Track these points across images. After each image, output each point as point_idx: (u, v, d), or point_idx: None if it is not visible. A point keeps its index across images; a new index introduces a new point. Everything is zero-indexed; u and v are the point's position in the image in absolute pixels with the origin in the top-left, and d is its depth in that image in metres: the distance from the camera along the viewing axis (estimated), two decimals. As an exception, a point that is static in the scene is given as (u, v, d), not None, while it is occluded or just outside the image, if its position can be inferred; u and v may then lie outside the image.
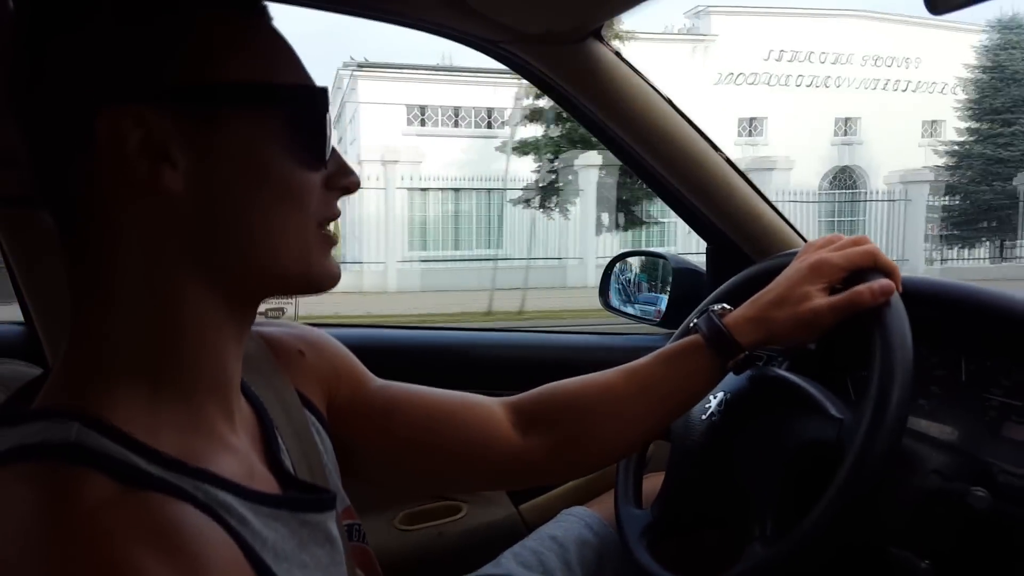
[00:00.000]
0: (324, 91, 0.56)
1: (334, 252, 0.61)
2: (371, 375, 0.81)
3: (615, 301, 1.55)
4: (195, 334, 0.53)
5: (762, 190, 1.29)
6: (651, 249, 1.53)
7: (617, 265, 1.56)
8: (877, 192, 19.89)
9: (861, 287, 0.77)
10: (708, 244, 1.38)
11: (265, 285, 0.57)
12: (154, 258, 0.52)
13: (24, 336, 1.21)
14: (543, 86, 1.16)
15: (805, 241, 1.24)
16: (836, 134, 23.41)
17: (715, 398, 0.90)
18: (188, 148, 0.51)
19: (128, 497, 0.45)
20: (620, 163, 1.88)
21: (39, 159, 0.52)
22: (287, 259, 0.55)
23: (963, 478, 0.77)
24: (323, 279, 0.58)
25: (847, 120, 23.45)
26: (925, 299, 0.89)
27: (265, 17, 0.56)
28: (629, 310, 1.52)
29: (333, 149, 0.58)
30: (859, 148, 23.20)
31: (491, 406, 0.83)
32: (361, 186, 0.63)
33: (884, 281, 0.77)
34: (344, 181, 0.59)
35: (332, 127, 0.57)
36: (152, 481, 0.47)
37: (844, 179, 23.11)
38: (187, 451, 0.51)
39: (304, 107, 0.55)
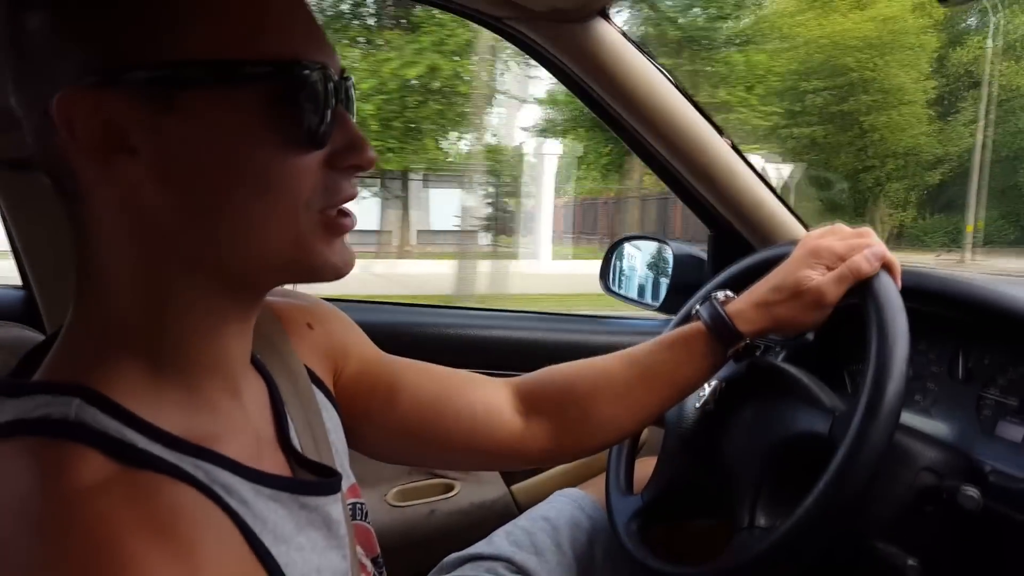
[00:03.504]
0: (317, 65, 0.49)
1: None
2: (378, 349, 0.80)
3: (615, 285, 1.54)
4: (190, 317, 0.51)
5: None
6: (651, 234, 1.52)
7: (617, 249, 1.56)
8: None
9: (857, 256, 0.78)
10: (710, 230, 1.37)
11: (257, 275, 0.53)
12: (136, 245, 0.49)
13: (23, 300, 1.21)
14: (548, 64, 1.15)
15: (808, 231, 1.24)
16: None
17: (709, 386, 0.89)
18: (151, 134, 0.46)
19: (125, 476, 0.44)
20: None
21: (29, 132, 0.50)
22: (275, 250, 0.51)
23: (955, 476, 0.77)
24: (323, 270, 0.53)
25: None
26: (924, 294, 0.88)
27: None
28: (629, 294, 1.52)
29: (345, 122, 0.52)
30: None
31: (495, 386, 0.83)
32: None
33: (878, 248, 0.79)
34: (355, 159, 0.53)
35: (332, 100, 0.51)
36: (151, 460, 0.46)
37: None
38: (190, 430, 0.50)
39: (289, 84, 0.48)
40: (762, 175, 1.27)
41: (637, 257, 1.54)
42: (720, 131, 1.21)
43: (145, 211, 0.48)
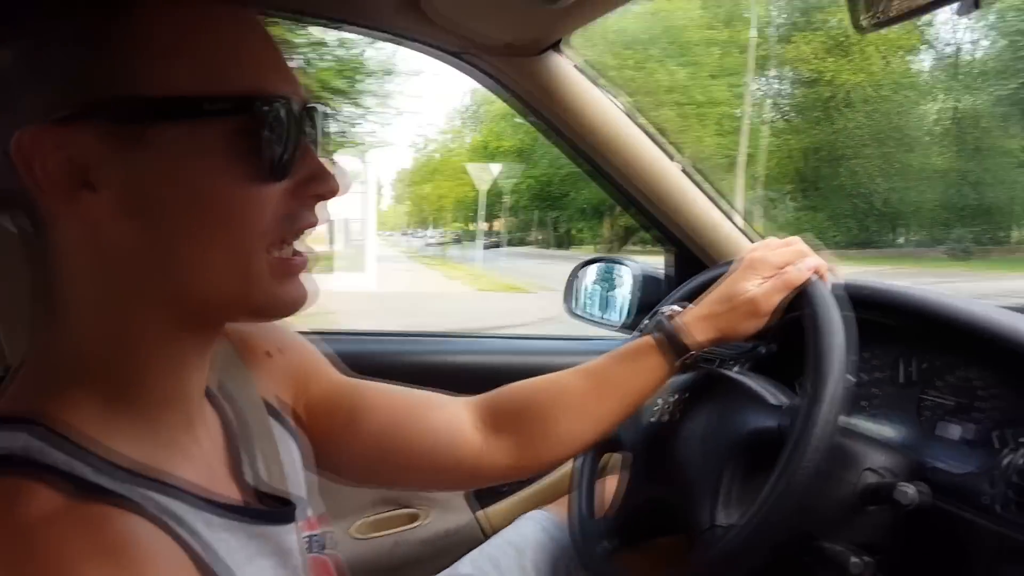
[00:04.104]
0: (279, 97, 0.50)
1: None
2: (339, 373, 0.81)
3: (578, 307, 1.57)
4: (147, 350, 0.52)
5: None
6: (613, 256, 1.55)
7: (580, 271, 1.58)
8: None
9: (789, 267, 0.84)
10: (668, 251, 1.41)
11: (213, 311, 0.54)
12: (98, 280, 0.50)
13: None
14: (504, 96, 1.18)
15: None
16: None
17: (663, 400, 0.92)
18: (115, 171, 0.47)
19: (74, 508, 0.44)
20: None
21: None
22: (228, 286, 0.51)
23: (896, 475, 0.80)
24: (273, 308, 0.54)
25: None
26: (864, 301, 0.92)
27: (218, 8, 0.50)
28: (592, 315, 1.54)
29: (308, 152, 0.53)
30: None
31: (456, 405, 0.85)
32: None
33: (810, 260, 0.85)
34: (317, 188, 0.53)
35: (295, 132, 0.51)
36: (100, 492, 0.46)
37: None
38: (144, 459, 0.50)
39: (251, 118, 0.49)
40: (714, 197, 1.31)
41: (599, 278, 1.56)
42: (672, 156, 1.26)
43: (108, 245, 0.49)
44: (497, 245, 28.98)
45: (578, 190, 22.93)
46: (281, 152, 0.50)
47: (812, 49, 20.01)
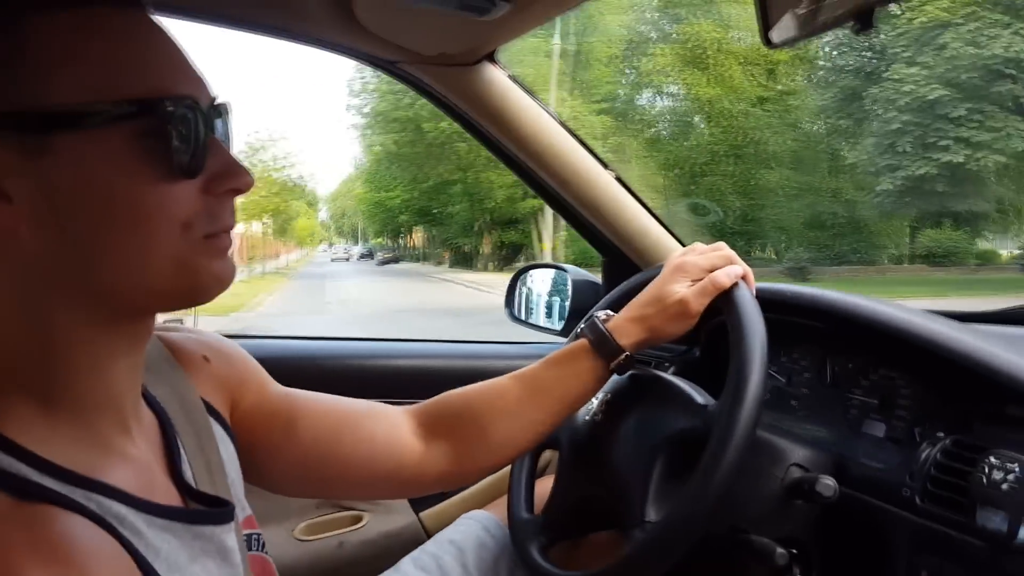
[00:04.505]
0: (181, 97, 0.51)
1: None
2: (275, 383, 0.81)
3: (518, 312, 1.60)
4: (73, 353, 0.53)
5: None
6: (551, 262, 1.59)
7: (521, 277, 1.62)
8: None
9: (717, 272, 0.87)
10: (602, 256, 1.45)
11: (139, 305, 0.55)
12: (18, 288, 0.50)
13: None
14: (440, 104, 1.21)
15: None
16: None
17: (597, 399, 0.95)
18: (24, 180, 0.48)
19: (17, 509, 0.45)
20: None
21: None
22: (157, 275, 0.52)
23: (821, 471, 0.85)
24: (206, 287, 0.55)
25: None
26: (788, 306, 0.98)
27: (116, 11, 0.50)
28: (531, 320, 1.58)
29: (219, 149, 0.54)
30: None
31: (394, 414, 0.85)
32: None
33: (736, 267, 0.88)
34: (231, 183, 0.54)
35: (203, 130, 0.52)
36: (43, 493, 0.47)
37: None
38: (82, 463, 0.51)
39: (154, 119, 0.49)
40: (645, 203, 1.36)
41: (538, 284, 1.60)
42: (605, 164, 1.30)
43: (24, 254, 0.49)
44: (396, 260, 28.21)
45: (455, 204, 22.88)
46: (190, 150, 0.51)
47: (668, 62, 20.21)
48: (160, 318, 0.60)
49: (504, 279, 1.53)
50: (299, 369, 1.33)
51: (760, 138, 19.96)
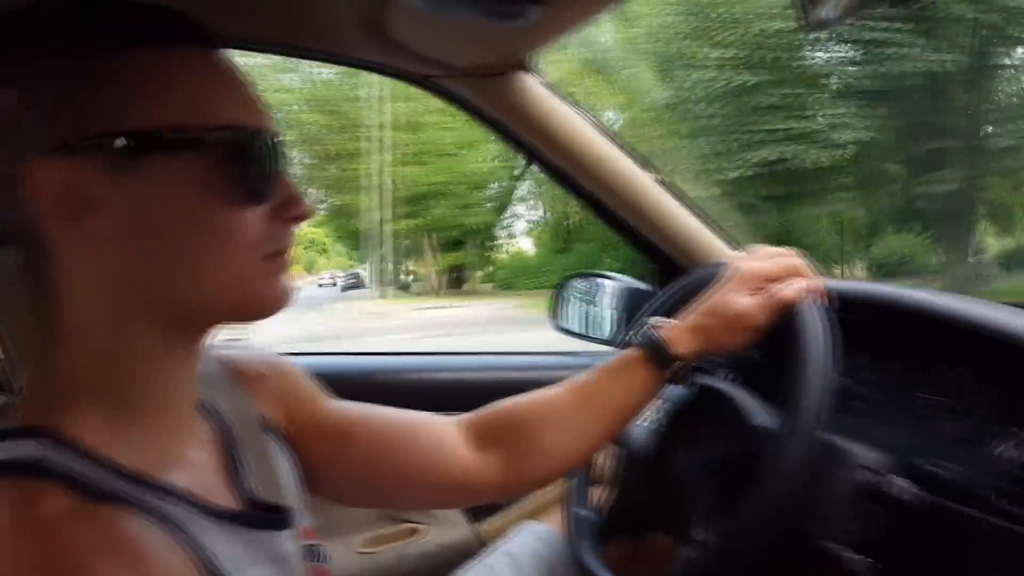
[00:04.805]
0: (258, 131, 0.56)
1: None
2: (328, 397, 0.83)
3: (566, 322, 1.58)
4: (142, 363, 0.56)
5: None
6: (597, 271, 1.57)
7: (565, 286, 1.60)
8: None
9: (783, 285, 0.82)
10: (652, 263, 1.43)
11: (205, 318, 0.59)
12: (97, 298, 0.54)
13: None
14: (476, 117, 1.21)
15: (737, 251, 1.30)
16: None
17: (657, 408, 0.93)
18: (114, 197, 0.52)
19: (87, 510, 0.47)
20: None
21: None
22: (222, 294, 0.56)
23: (892, 473, 0.80)
24: (265, 305, 0.59)
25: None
26: (856, 304, 0.93)
27: (200, 51, 0.56)
28: (579, 330, 1.56)
29: (283, 179, 0.58)
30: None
31: (445, 424, 0.86)
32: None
33: (803, 278, 0.83)
34: (292, 212, 0.59)
35: (276, 160, 0.57)
36: (110, 495, 0.49)
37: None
38: (146, 467, 0.53)
39: (235, 149, 0.55)
40: (694, 204, 1.34)
41: (585, 293, 1.58)
42: (648, 167, 1.28)
43: (110, 265, 0.53)
44: (356, 286, 27.01)
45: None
46: (263, 179, 0.56)
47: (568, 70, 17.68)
48: (219, 336, 0.63)
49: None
50: (352, 383, 1.33)
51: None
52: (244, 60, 0.67)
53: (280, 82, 17.94)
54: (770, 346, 1.02)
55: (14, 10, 0.52)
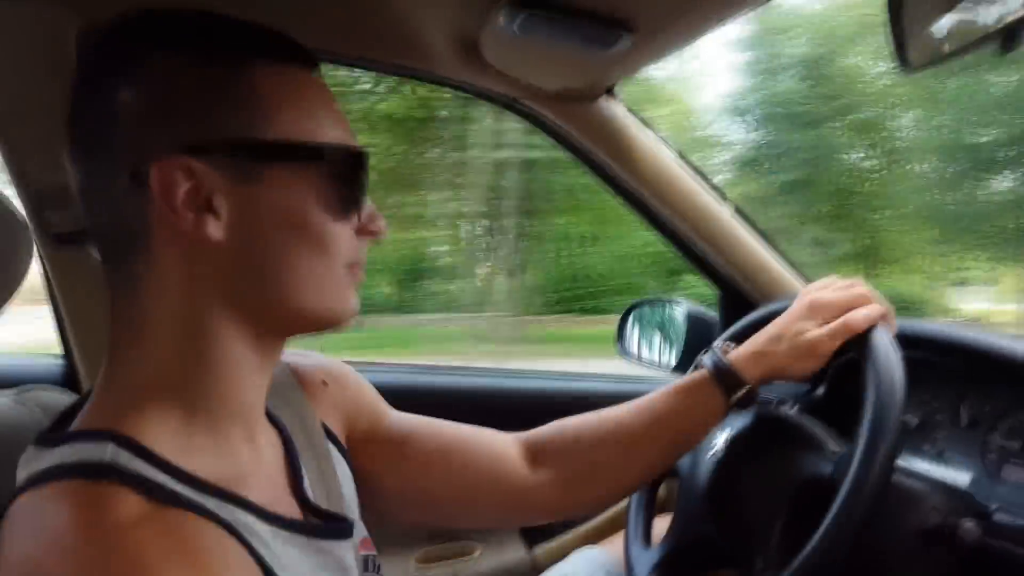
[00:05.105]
0: (359, 150, 0.60)
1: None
2: (389, 407, 0.84)
3: (630, 348, 1.57)
4: (223, 366, 0.57)
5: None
6: (664, 297, 1.56)
7: (633, 312, 1.59)
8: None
9: (853, 313, 0.81)
10: (718, 291, 1.42)
11: (293, 323, 0.60)
12: (191, 296, 0.55)
13: (63, 368, 1.27)
14: (559, 140, 1.23)
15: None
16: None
17: (721, 436, 0.92)
18: (232, 199, 0.54)
19: (156, 513, 0.48)
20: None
21: (94, 200, 0.55)
22: (315, 300, 0.58)
23: (960, 515, 0.79)
24: (345, 315, 0.61)
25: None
26: (923, 343, 0.92)
27: (316, 72, 0.60)
28: (644, 356, 1.55)
29: (367, 198, 0.61)
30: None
31: (503, 439, 0.85)
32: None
33: (875, 307, 0.82)
34: (376, 228, 0.62)
35: (364, 178, 0.61)
36: (179, 500, 0.50)
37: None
38: (214, 473, 0.54)
39: (344, 166, 0.58)
40: (768, 236, 1.32)
41: (650, 319, 1.57)
42: (724, 197, 1.28)
43: (213, 266, 0.55)
44: None
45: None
46: (357, 194, 0.60)
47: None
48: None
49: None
50: (413, 395, 1.36)
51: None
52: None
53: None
54: (833, 376, 1.00)
55: (150, 12, 0.55)
